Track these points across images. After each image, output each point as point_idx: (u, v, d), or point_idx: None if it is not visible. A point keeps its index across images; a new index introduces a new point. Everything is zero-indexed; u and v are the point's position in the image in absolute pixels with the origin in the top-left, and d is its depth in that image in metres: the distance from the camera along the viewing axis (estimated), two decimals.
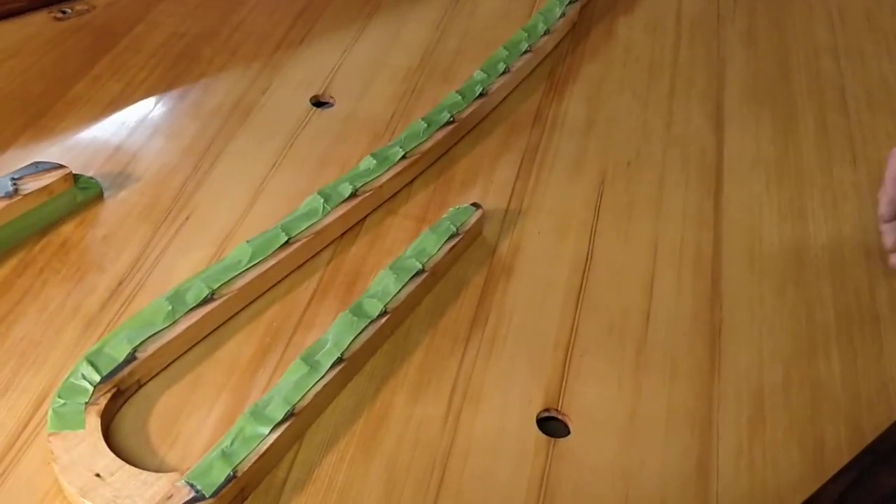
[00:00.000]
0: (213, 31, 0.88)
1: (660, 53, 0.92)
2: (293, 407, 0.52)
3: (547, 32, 0.89)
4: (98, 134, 0.74)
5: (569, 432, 0.56)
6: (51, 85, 0.78)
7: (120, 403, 0.53)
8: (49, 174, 0.64)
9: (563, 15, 0.92)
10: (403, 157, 0.71)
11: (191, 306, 0.57)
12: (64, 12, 0.88)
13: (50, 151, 0.72)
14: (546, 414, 0.57)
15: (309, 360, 0.54)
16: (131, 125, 0.75)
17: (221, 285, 0.58)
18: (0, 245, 0.62)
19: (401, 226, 0.69)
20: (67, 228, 0.65)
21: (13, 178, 0.62)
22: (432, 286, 0.63)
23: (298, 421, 0.52)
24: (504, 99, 0.83)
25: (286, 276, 0.63)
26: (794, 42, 0.97)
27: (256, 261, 0.61)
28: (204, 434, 0.53)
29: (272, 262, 0.61)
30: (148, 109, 0.77)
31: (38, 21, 0.87)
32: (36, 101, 0.76)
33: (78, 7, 0.89)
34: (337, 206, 0.66)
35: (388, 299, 0.59)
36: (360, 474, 0.52)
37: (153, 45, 0.85)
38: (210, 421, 0.54)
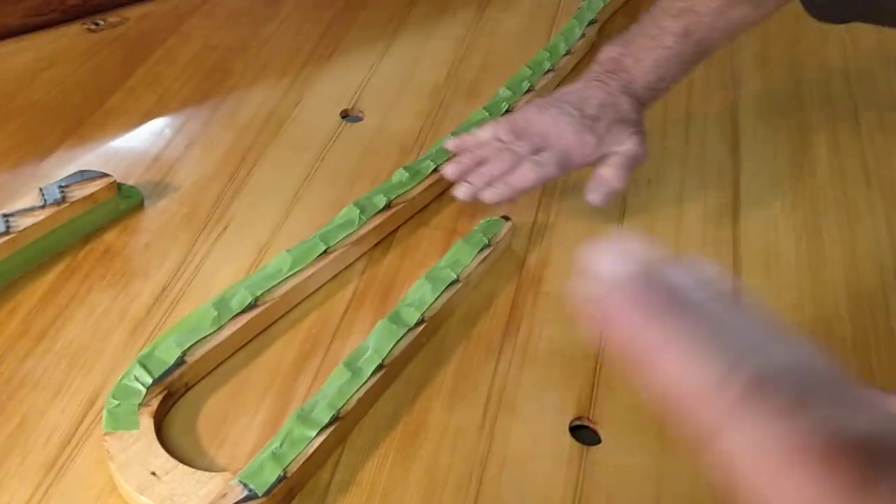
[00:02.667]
0: (243, 44, 0.90)
1: None
2: (338, 411, 0.53)
3: (568, 53, 0.91)
4: (136, 144, 0.76)
5: (600, 440, 0.58)
6: (88, 95, 0.81)
7: (169, 405, 0.55)
8: (94, 182, 0.66)
9: (582, 35, 0.94)
10: (435, 170, 0.73)
11: (235, 312, 0.59)
12: (97, 24, 0.90)
13: (89, 160, 0.73)
14: (578, 422, 0.59)
15: (351, 367, 0.56)
16: (168, 136, 0.77)
17: (264, 292, 0.60)
18: (46, 251, 0.64)
19: (432, 237, 0.71)
20: (110, 236, 0.67)
21: (61, 186, 0.64)
22: (466, 296, 0.65)
23: (342, 425, 0.54)
24: None
25: (323, 285, 0.65)
26: (807, 65, 0.99)
27: (296, 269, 0.62)
28: (250, 436, 0.55)
29: (311, 270, 0.63)
30: (183, 120, 0.79)
31: (72, 33, 0.89)
32: (74, 110, 0.78)
33: (111, 19, 0.91)
34: (372, 217, 0.68)
35: (425, 308, 0.61)
36: (400, 479, 0.54)
37: (186, 58, 0.87)
38: (255, 423, 0.55)
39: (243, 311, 0.59)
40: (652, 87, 0.72)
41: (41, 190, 0.63)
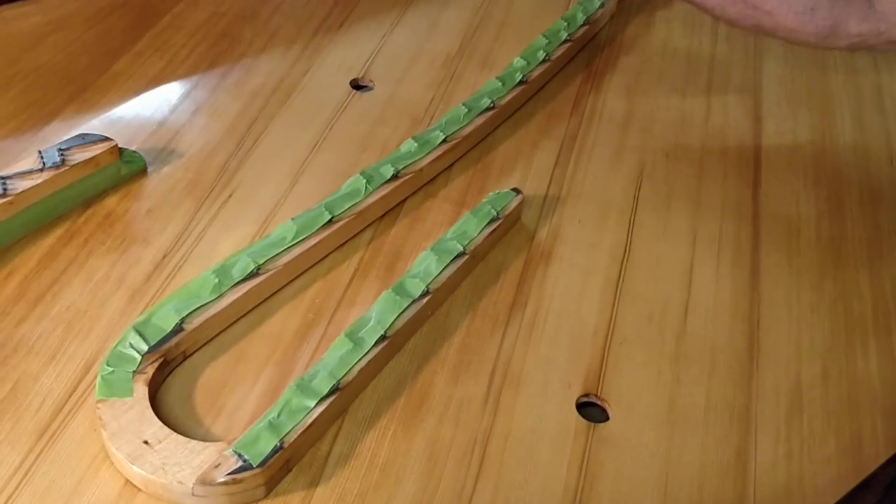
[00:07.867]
0: (252, 11, 0.89)
1: (697, 47, 0.92)
2: (338, 381, 0.52)
3: (586, 23, 0.89)
4: (141, 109, 0.75)
5: (608, 418, 0.56)
6: (94, 60, 0.79)
7: (166, 374, 0.54)
8: (95, 146, 0.64)
9: (602, 6, 0.92)
10: (444, 141, 0.71)
11: (237, 280, 0.57)
12: None
13: (93, 124, 0.72)
14: (585, 399, 0.57)
15: (353, 337, 0.55)
16: (174, 102, 0.76)
17: (267, 261, 0.59)
18: (46, 214, 0.62)
19: (440, 209, 0.69)
20: (111, 201, 0.66)
21: (60, 149, 0.63)
22: (472, 269, 0.64)
23: (343, 396, 0.52)
24: (542, 87, 0.83)
25: (328, 255, 0.64)
26: None
27: (300, 238, 0.61)
28: (248, 407, 0.53)
29: (315, 239, 0.62)
30: (190, 87, 0.78)
31: None
32: (80, 74, 0.77)
33: None
34: (379, 187, 0.66)
35: (430, 280, 0.59)
36: (402, 451, 0.52)
37: (194, 24, 0.86)
38: (254, 394, 0.54)
39: (245, 280, 0.58)
40: None
41: (40, 153, 0.62)
